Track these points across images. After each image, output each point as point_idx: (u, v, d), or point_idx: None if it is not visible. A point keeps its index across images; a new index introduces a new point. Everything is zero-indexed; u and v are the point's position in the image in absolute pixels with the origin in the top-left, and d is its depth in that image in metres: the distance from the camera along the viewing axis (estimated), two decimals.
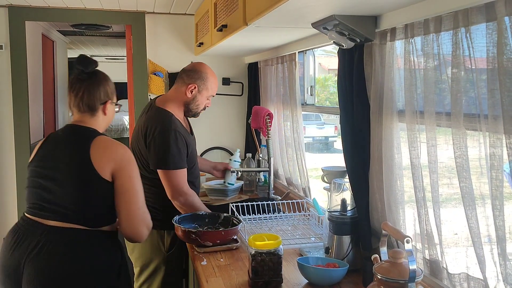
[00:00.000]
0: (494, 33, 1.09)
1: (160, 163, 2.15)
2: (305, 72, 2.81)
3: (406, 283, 1.17)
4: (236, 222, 2.09)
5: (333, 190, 1.79)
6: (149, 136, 2.16)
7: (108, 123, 1.87)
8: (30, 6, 3.14)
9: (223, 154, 3.55)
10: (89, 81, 1.77)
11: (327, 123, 9.51)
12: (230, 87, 3.51)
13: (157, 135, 2.13)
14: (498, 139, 1.13)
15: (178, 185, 2.15)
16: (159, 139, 2.13)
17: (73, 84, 1.77)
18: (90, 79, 1.77)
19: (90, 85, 1.76)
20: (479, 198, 1.24)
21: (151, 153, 2.16)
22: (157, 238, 2.23)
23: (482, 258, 1.24)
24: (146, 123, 2.21)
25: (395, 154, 1.59)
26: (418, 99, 1.44)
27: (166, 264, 2.24)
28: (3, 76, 3.19)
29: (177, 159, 2.15)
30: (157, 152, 2.14)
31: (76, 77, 1.78)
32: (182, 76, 2.29)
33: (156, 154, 2.15)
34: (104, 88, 1.78)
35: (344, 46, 1.66)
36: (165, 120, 2.17)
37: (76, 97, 1.76)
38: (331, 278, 1.62)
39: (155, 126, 2.16)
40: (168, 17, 3.36)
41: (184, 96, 2.26)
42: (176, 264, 2.30)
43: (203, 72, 2.29)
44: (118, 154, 1.70)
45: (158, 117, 2.20)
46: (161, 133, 2.13)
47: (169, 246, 2.24)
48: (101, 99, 1.78)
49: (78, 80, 1.77)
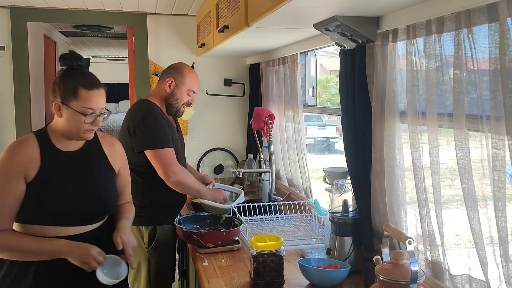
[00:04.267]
0: (497, 34, 1.09)
1: (147, 144, 2.17)
2: (307, 73, 2.81)
3: (408, 284, 1.17)
4: (237, 223, 2.09)
5: (335, 191, 1.79)
6: (133, 124, 2.20)
7: (66, 129, 1.59)
8: (32, 7, 3.15)
9: (224, 155, 3.55)
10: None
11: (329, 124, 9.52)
12: (231, 88, 3.50)
13: (140, 121, 2.18)
14: (500, 140, 1.13)
15: (168, 163, 2.16)
16: (143, 124, 2.18)
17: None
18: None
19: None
20: (481, 199, 1.23)
21: (137, 138, 2.20)
22: (136, 233, 2.23)
23: (484, 260, 1.23)
24: (128, 115, 2.29)
25: (397, 155, 1.58)
26: (420, 100, 1.44)
27: (148, 260, 2.24)
28: (5, 77, 3.20)
29: (164, 138, 2.18)
30: (143, 135, 2.18)
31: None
32: (162, 74, 2.36)
33: (141, 137, 2.18)
34: (54, 86, 1.59)
35: (346, 47, 1.66)
36: (146, 108, 2.24)
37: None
38: (333, 279, 1.62)
39: (137, 114, 2.23)
40: (169, 18, 3.37)
41: (164, 91, 2.31)
42: (160, 261, 2.28)
43: (180, 67, 2.35)
44: None
45: (140, 107, 2.28)
46: (144, 118, 2.19)
47: (148, 241, 2.24)
48: (51, 97, 1.60)
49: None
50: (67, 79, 1.56)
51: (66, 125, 1.57)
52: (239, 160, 3.53)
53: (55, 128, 1.61)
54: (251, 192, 3.01)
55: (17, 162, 1.53)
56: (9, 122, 3.23)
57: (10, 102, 3.21)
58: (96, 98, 1.57)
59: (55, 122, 1.61)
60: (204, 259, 1.88)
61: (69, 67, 1.60)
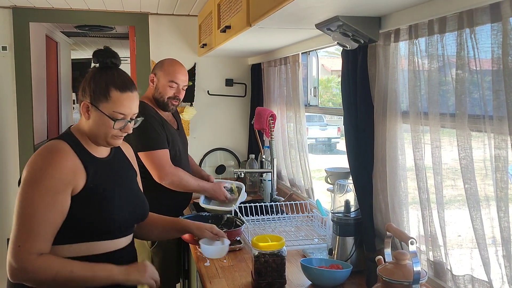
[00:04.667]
0: (499, 34, 1.09)
1: (139, 146, 2.17)
2: (308, 73, 2.81)
3: (410, 284, 1.16)
4: (239, 223, 2.09)
5: (337, 191, 1.79)
6: None
7: (94, 132, 1.45)
8: (34, 7, 3.15)
9: (226, 155, 3.55)
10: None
11: (330, 124, 9.52)
12: (233, 88, 3.51)
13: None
14: (503, 141, 1.12)
15: (161, 165, 2.16)
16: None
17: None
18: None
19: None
20: (484, 199, 1.23)
21: (130, 141, 2.19)
22: None
23: (486, 260, 1.23)
24: None
25: (399, 155, 1.58)
26: (422, 100, 1.43)
27: (152, 260, 2.25)
28: (7, 77, 3.20)
29: (156, 140, 2.17)
30: (134, 137, 2.17)
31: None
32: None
33: (134, 139, 2.17)
34: (84, 84, 1.46)
35: (348, 47, 1.66)
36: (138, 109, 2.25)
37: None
38: (335, 279, 1.62)
39: None
40: (171, 18, 3.37)
41: (151, 89, 2.33)
42: (164, 261, 2.28)
43: (161, 61, 2.38)
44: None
45: None
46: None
47: (152, 242, 2.25)
48: (80, 97, 1.47)
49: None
50: (98, 77, 1.43)
51: (93, 129, 1.43)
52: (240, 160, 3.53)
53: (82, 131, 1.47)
54: (252, 192, 3.01)
55: (63, 173, 1.34)
56: (11, 122, 3.24)
57: (12, 102, 3.21)
58: (128, 101, 1.43)
59: (81, 124, 1.47)
60: (206, 259, 1.88)
61: (103, 64, 1.46)
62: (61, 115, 4.86)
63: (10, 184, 3.28)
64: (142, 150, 2.17)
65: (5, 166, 3.27)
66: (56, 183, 1.33)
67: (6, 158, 3.27)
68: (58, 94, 4.79)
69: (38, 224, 1.31)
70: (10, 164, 3.27)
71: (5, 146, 3.26)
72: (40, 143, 3.76)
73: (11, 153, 3.26)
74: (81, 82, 1.46)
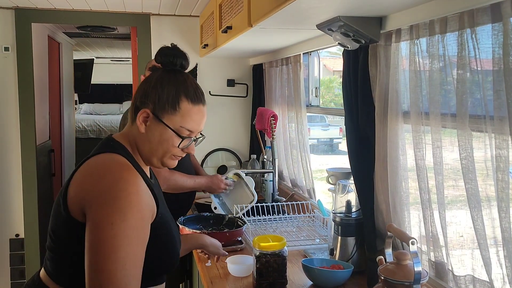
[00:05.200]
0: (500, 34, 1.09)
1: None
2: (310, 74, 2.81)
3: (411, 284, 1.16)
4: (240, 223, 2.09)
5: (338, 192, 1.79)
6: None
7: (148, 150, 1.19)
8: (36, 8, 3.16)
9: (227, 156, 3.55)
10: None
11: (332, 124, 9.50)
12: (235, 89, 3.51)
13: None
14: (504, 141, 1.12)
15: (155, 172, 2.14)
16: None
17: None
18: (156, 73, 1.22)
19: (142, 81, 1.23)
20: (485, 200, 1.23)
21: None
22: None
23: (488, 260, 1.23)
24: (121, 121, 2.35)
25: (400, 155, 1.58)
26: (423, 101, 1.43)
27: None
28: (10, 78, 3.21)
29: None
30: None
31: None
32: None
33: None
34: (147, 87, 1.19)
35: (349, 48, 1.66)
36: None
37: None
38: (336, 279, 1.62)
39: (124, 122, 2.27)
40: (173, 18, 3.37)
41: None
42: None
43: (150, 61, 2.38)
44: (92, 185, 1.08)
45: (126, 113, 2.29)
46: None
47: None
48: (138, 103, 1.19)
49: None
50: (167, 82, 1.17)
51: (151, 144, 1.17)
52: (242, 160, 3.53)
53: (132, 145, 1.20)
54: None
55: (146, 197, 1.10)
56: (13, 123, 3.25)
57: (14, 103, 3.23)
58: (200, 116, 1.21)
59: (131, 136, 1.20)
60: (207, 259, 1.88)
61: (171, 66, 1.21)
62: (63, 116, 4.87)
63: (13, 184, 3.29)
64: None
65: (7, 167, 3.28)
66: (144, 210, 1.08)
67: (8, 158, 3.28)
68: (60, 94, 4.80)
69: (134, 267, 1.03)
70: (12, 165, 3.28)
71: (7, 146, 3.27)
72: (42, 143, 3.77)
73: (13, 153, 3.27)
74: (141, 84, 1.21)
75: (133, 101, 1.21)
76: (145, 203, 1.09)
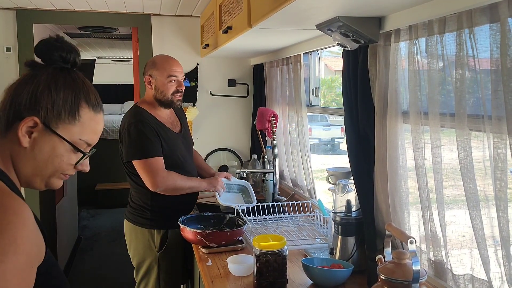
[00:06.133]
0: (498, 34, 1.09)
1: (130, 154, 2.18)
2: (311, 74, 2.82)
3: (410, 283, 1.17)
4: (241, 223, 2.10)
5: (338, 191, 1.79)
6: (121, 133, 2.23)
7: (33, 170, 0.95)
8: (37, 9, 3.17)
9: (228, 156, 3.56)
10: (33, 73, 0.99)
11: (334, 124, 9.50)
12: (235, 89, 3.51)
13: (126, 130, 2.19)
14: (502, 140, 1.13)
15: (153, 173, 2.15)
16: (127, 133, 2.18)
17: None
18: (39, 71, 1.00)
19: (23, 79, 1.00)
20: (484, 199, 1.23)
21: (124, 147, 2.20)
22: (148, 237, 2.25)
23: (486, 259, 1.23)
24: (122, 121, 2.31)
25: (400, 155, 1.58)
26: (423, 100, 1.44)
27: (159, 263, 2.26)
28: (11, 78, 3.21)
29: (147, 148, 2.16)
30: (128, 144, 2.19)
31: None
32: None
33: (127, 147, 2.19)
34: (36, 90, 0.95)
35: (349, 48, 1.66)
36: (133, 114, 2.24)
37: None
38: (336, 279, 1.62)
39: (125, 122, 2.24)
40: (174, 19, 3.38)
41: (150, 92, 2.30)
42: (171, 264, 2.30)
43: (151, 60, 2.34)
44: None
45: (129, 113, 2.28)
46: (128, 127, 2.19)
47: (160, 245, 2.25)
48: (20, 109, 0.94)
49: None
50: (62, 85, 0.97)
51: (35, 162, 0.96)
52: (243, 160, 3.53)
53: (8, 161, 0.96)
54: (255, 192, 3.01)
55: (34, 232, 0.89)
56: None
57: None
58: (100, 126, 1.04)
59: (6, 150, 0.95)
60: (208, 259, 1.89)
61: (60, 64, 1.02)
62: None
63: None
64: (135, 158, 2.17)
65: None
66: (31, 253, 0.83)
67: None
68: None
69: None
70: None
71: None
72: None
73: None
74: (21, 85, 0.98)
75: (3, 105, 0.95)
76: (32, 241, 0.83)
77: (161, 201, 2.23)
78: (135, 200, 2.29)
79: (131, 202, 2.32)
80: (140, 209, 2.26)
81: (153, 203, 2.23)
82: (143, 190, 2.23)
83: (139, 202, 2.27)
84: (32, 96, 0.93)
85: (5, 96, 0.96)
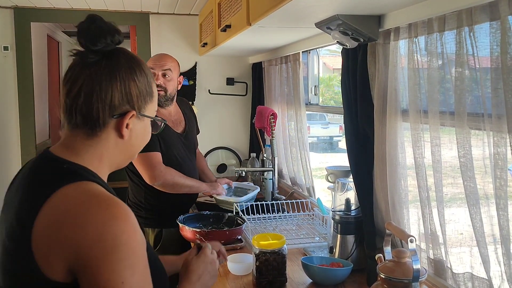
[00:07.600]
0: (498, 32, 1.09)
1: None
2: (309, 72, 2.81)
3: (410, 282, 1.17)
4: (240, 221, 2.09)
5: (337, 190, 1.79)
6: None
7: (127, 156, 1.02)
8: (35, 7, 3.16)
9: (227, 154, 3.56)
10: (95, 68, 0.92)
11: (332, 122, 9.50)
12: (234, 87, 3.51)
13: None
14: (502, 138, 1.13)
15: (151, 167, 2.14)
16: None
17: (67, 73, 0.96)
18: (98, 65, 0.92)
19: (96, 77, 0.92)
20: (484, 197, 1.23)
21: None
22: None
23: (486, 258, 1.23)
24: None
25: (399, 153, 1.58)
26: (422, 99, 1.43)
27: None
28: (9, 77, 3.21)
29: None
30: None
31: (76, 61, 0.95)
32: None
33: None
34: (123, 85, 0.93)
35: (348, 46, 1.66)
36: None
37: (68, 97, 0.94)
38: (335, 277, 1.62)
39: None
40: (172, 17, 3.37)
41: None
42: None
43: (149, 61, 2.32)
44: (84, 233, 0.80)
45: None
46: None
47: (154, 244, 2.25)
48: (114, 106, 0.93)
49: (78, 65, 0.94)
50: (135, 69, 0.98)
51: (132, 148, 1.03)
52: (242, 159, 3.53)
53: (101, 160, 1.02)
54: None
55: (140, 233, 0.93)
56: (13, 122, 3.25)
57: (14, 102, 3.23)
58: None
59: (99, 150, 0.98)
60: None
61: (112, 46, 0.97)
62: None
63: None
64: None
65: (7, 166, 3.28)
66: (145, 254, 0.87)
67: (8, 157, 3.28)
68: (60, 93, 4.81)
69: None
70: (12, 164, 3.28)
71: (7, 146, 3.27)
72: (42, 142, 3.77)
73: (13, 153, 3.27)
74: (106, 83, 0.92)
75: (87, 109, 0.92)
76: (143, 242, 0.87)
77: (155, 200, 2.23)
78: (131, 197, 2.30)
79: (128, 200, 2.33)
80: (135, 207, 2.26)
81: (147, 201, 2.23)
82: (138, 188, 2.23)
83: (134, 200, 2.27)
84: (122, 91, 0.94)
85: (78, 99, 0.92)
